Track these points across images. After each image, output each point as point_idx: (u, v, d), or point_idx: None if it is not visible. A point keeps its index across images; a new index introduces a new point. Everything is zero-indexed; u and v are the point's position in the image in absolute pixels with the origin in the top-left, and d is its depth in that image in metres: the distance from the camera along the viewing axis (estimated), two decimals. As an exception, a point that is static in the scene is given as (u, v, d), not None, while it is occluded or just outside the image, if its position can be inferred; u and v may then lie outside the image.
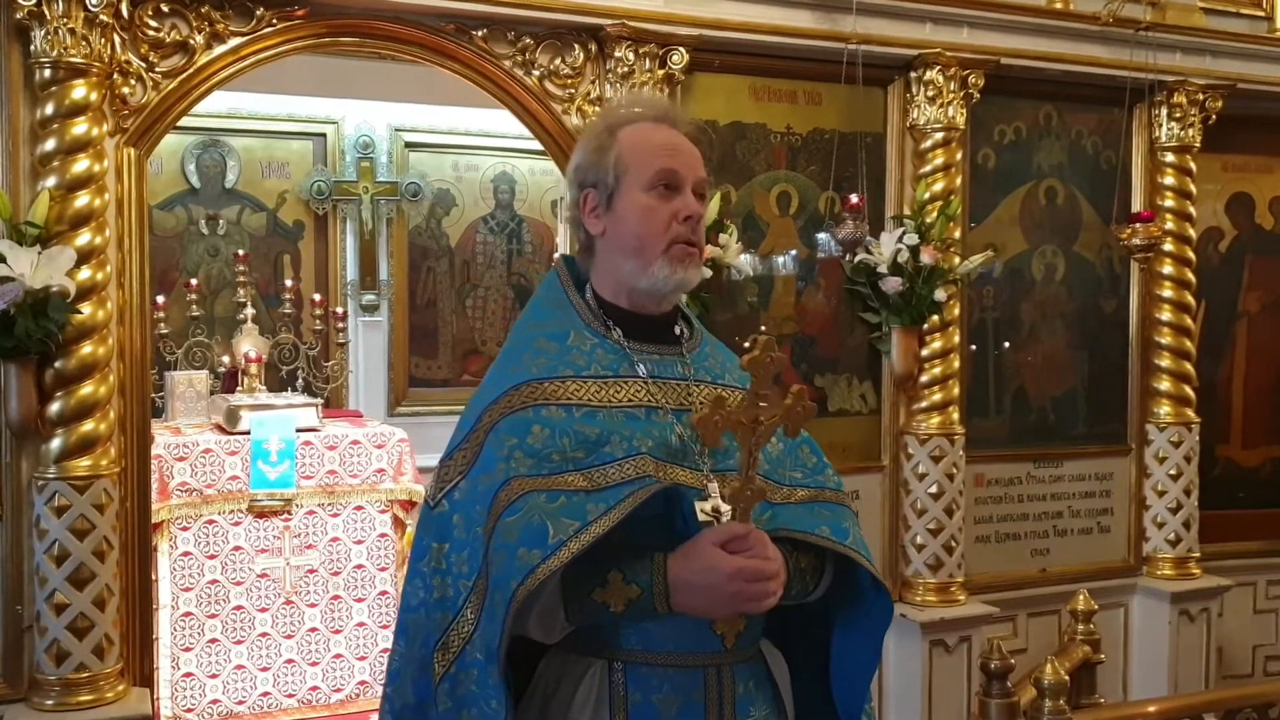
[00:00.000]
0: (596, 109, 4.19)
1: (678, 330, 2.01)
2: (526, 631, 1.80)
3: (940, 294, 4.61)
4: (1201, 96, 5.22)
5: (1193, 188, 5.33)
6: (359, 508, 5.16)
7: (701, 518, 1.81)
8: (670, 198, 1.91)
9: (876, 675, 4.68)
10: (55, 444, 3.49)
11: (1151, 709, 3.60)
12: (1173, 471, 5.29)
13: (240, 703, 4.94)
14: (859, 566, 1.93)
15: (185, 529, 4.85)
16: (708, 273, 4.23)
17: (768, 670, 1.98)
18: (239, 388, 5.42)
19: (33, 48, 3.47)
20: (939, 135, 4.71)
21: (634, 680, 1.83)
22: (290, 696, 5.04)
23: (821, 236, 4.69)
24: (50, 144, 3.47)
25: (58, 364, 3.48)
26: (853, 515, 2.00)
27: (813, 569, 1.93)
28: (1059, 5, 4.88)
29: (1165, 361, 5.31)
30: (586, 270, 2.01)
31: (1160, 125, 5.25)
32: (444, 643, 1.82)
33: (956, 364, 4.80)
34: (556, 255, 2.65)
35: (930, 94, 4.67)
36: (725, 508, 1.82)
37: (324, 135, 6.94)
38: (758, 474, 1.82)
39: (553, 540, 1.69)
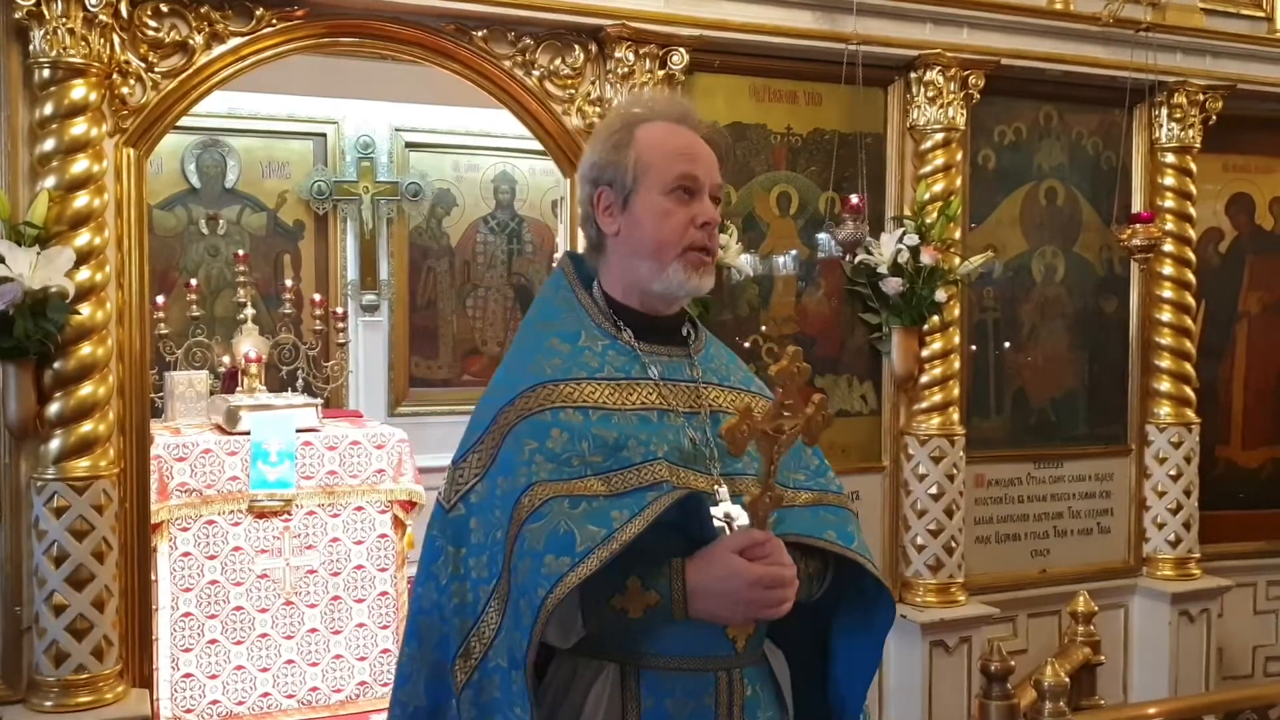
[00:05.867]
0: (597, 109, 4.19)
1: (684, 332, 1.99)
2: (545, 637, 1.76)
3: (940, 294, 4.60)
4: (1202, 97, 5.22)
5: (1193, 188, 5.33)
6: (359, 508, 5.15)
7: (715, 524, 1.80)
8: (688, 202, 1.89)
9: (876, 676, 4.74)
10: (54, 445, 3.48)
11: (1152, 710, 3.60)
12: (1173, 472, 5.29)
13: (240, 703, 4.93)
14: (860, 569, 1.92)
15: (185, 529, 4.84)
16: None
17: (772, 672, 1.97)
18: (239, 388, 5.41)
19: (32, 48, 3.46)
20: (939, 136, 4.70)
21: (647, 684, 1.81)
22: (290, 697, 5.03)
23: (822, 237, 4.69)
24: (49, 144, 3.47)
25: (57, 365, 3.47)
26: (854, 518, 2.00)
27: (818, 572, 1.93)
28: (1059, 6, 4.88)
29: (1165, 362, 5.31)
30: (593, 268, 1.99)
31: (1160, 126, 5.25)
32: (465, 650, 1.79)
33: (957, 364, 4.80)
34: (561, 253, 2.62)
35: (930, 94, 4.67)
36: (736, 513, 1.80)
37: (324, 135, 6.94)
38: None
39: (580, 548, 1.67)
